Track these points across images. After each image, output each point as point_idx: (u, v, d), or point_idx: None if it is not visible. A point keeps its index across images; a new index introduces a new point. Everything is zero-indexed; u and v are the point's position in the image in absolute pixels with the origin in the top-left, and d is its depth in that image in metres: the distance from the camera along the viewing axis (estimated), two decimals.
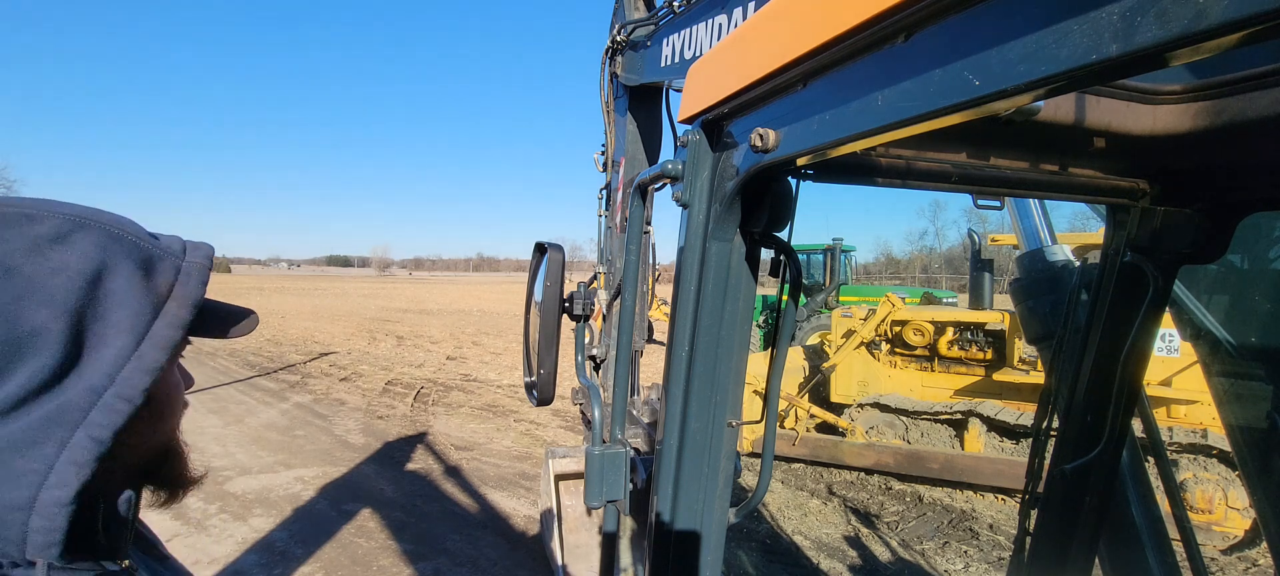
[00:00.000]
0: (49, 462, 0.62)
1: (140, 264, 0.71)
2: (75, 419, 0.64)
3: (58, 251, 0.66)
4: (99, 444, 0.64)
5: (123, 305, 0.68)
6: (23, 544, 0.62)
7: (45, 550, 0.62)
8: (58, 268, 0.65)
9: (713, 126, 1.00)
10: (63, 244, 0.66)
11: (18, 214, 0.65)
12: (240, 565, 4.68)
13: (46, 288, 0.64)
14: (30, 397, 0.62)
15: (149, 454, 0.78)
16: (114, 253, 0.69)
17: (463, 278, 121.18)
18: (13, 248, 0.63)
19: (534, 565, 4.73)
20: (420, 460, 7.10)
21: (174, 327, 0.71)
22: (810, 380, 7.85)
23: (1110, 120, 1.00)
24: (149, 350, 0.69)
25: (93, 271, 0.67)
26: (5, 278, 0.62)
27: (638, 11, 2.97)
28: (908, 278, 53.57)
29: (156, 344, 0.69)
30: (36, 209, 0.67)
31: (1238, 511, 5.16)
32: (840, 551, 5.19)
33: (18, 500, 0.61)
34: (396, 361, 14.07)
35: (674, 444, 1.08)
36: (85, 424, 0.64)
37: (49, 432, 0.62)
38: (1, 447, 0.61)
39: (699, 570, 1.11)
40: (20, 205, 0.67)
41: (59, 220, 0.67)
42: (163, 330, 0.70)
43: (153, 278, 0.72)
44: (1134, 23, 0.38)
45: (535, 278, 1.33)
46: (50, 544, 0.62)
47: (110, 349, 0.66)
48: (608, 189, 3.34)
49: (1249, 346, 1.46)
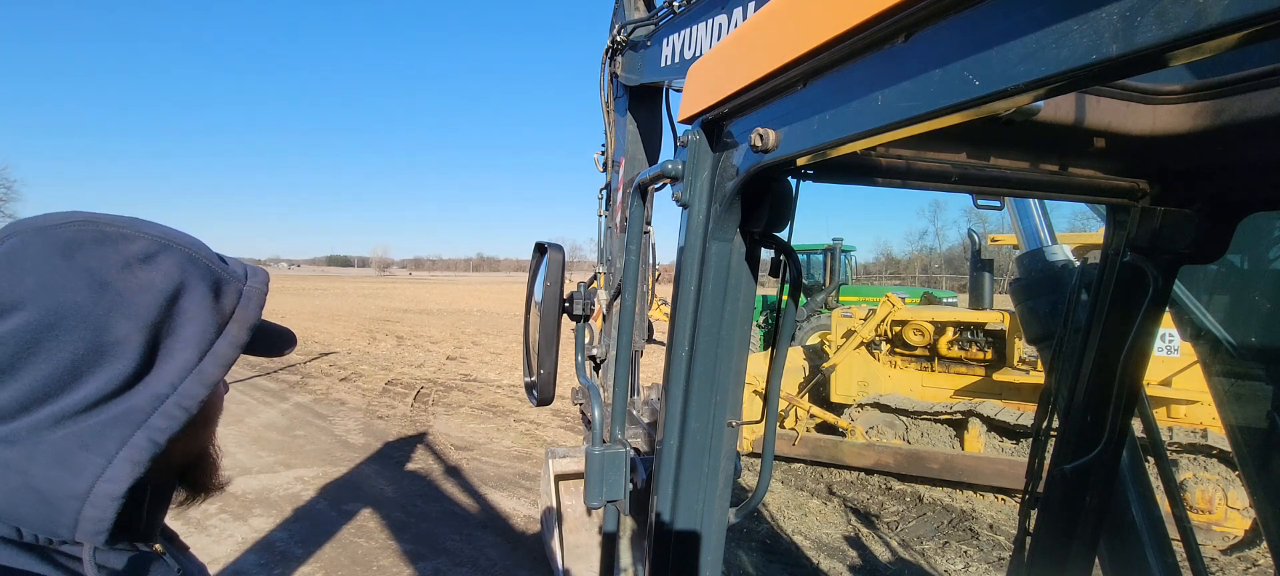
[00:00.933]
0: (109, 457, 0.68)
1: (212, 286, 0.78)
2: (138, 420, 0.70)
3: (145, 270, 0.73)
4: (155, 446, 0.70)
5: (192, 322, 0.75)
6: (74, 528, 0.68)
7: (94, 537, 0.68)
8: (145, 286, 0.72)
9: (713, 126, 1.00)
10: (150, 263, 0.74)
11: (117, 233, 0.73)
12: (240, 565, 4.68)
13: (134, 303, 0.71)
14: (105, 399, 0.68)
15: (188, 457, 0.85)
16: (191, 273, 0.76)
17: (463, 278, 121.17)
18: (109, 263, 0.71)
19: (534, 565, 4.73)
20: (420, 460, 7.10)
21: (233, 347, 0.78)
22: (810, 380, 7.85)
23: (1110, 120, 1.00)
24: (209, 365, 0.75)
25: (173, 290, 0.74)
26: (101, 291, 0.69)
27: (638, 11, 2.97)
28: (908, 278, 53.59)
29: (217, 360, 0.76)
30: (132, 228, 0.75)
31: (1238, 511, 5.16)
32: (840, 551, 5.19)
33: (77, 489, 0.67)
34: (396, 361, 14.07)
35: (674, 444, 1.08)
36: (145, 426, 0.70)
37: (114, 431, 0.69)
38: (71, 441, 0.67)
39: (699, 570, 1.11)
40: (118, 224, 0.75)
41: (148, 241, 0.75)
42: (223, 348, 0.77)
43: (220, 299, 0.79)
44: (1134, 23, 0.38)
45: (535, 278, 1.33)
46: (99, 532, 0.68)
47: (176, 361, 0.73)
48: (608, 189, 3.34)
49: (1249, 346, 1.46)
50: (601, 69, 3.21)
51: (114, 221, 0.75)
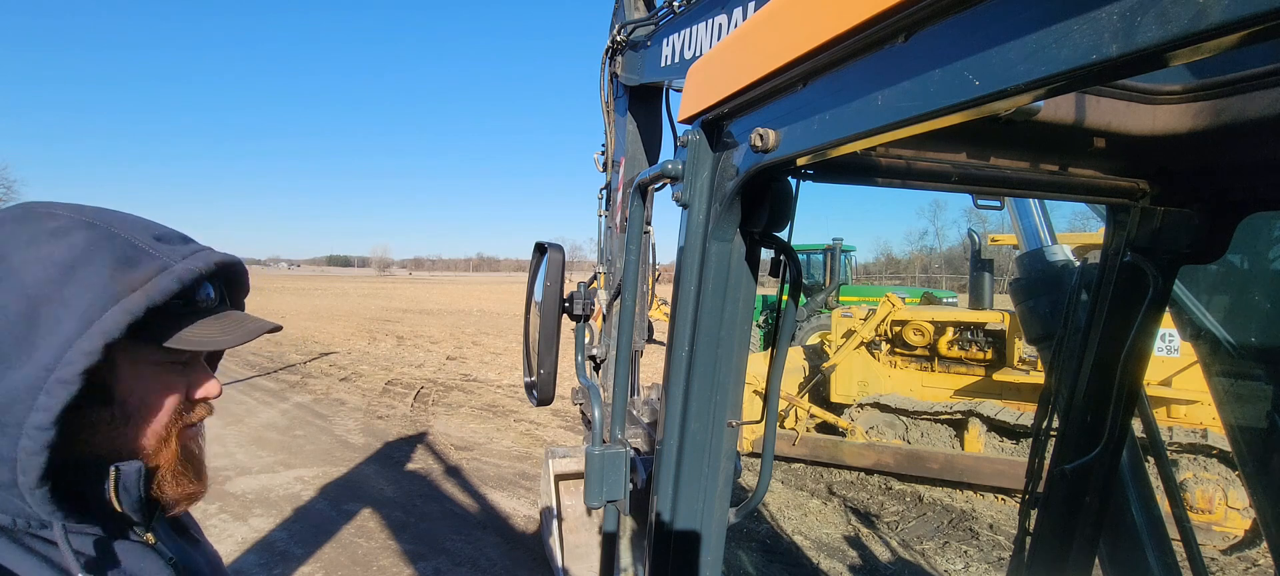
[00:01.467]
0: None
1: (121, 259, 0.72)
2: (21, 394, 0.66)
3: (49, 244, 0.70)
4: (42, 431, 0.66)
5: (85, 293, 0.69)
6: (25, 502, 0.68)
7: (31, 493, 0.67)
8: (41, 258, 0.69)
9: (713, 126, 1.00)
10: (57, 237, 0.70)
11: (44, 213, 0.72)
12: (240, 565, 4.68)
13: (21, 274, 0.68)
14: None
15: (118, 458, 0.76)
16: (99, 248, 0.71)
17: (463, 277, 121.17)
18: (17, 240, 0.70)
19: (534, 565, 4.73)
20: (420, 460, 7.10)
21: (125, 313, 0.69)
22: (810, 380, 7.85)
23: (1110, 120, 1.00)
24: (95, 335, 0.68)
25: (69, 261, 0.69)
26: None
27: (638, 11, 2.97)
28: (908, 278, 53.59)
29: (102, 329, 0.68)
30: (63, 210, 0.73)
31: (1238, 511, 5.16)
32: (840, 551, 5.19)
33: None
34: (396, 361, 14.07)
35: (674, 444, 1.08)
36: (36, 407, 0.66)
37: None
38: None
39: (699, 570, 1.11)
40: (52, 208, 0.73)
41: (66, 220, 0.72)
42: (113, 316, 0.69)
43: (129, 272, 0.72)
44: (1134, 23, 0.38)
45: (535, 278, 1.33)
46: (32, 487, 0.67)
47: (59, 333, 0.67)
48: (608, 189, 3.34)
49: (1249, 346, 1.46)
50: (601, 69, 3.21)
51: (51, 206, 0.73)
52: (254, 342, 14.23)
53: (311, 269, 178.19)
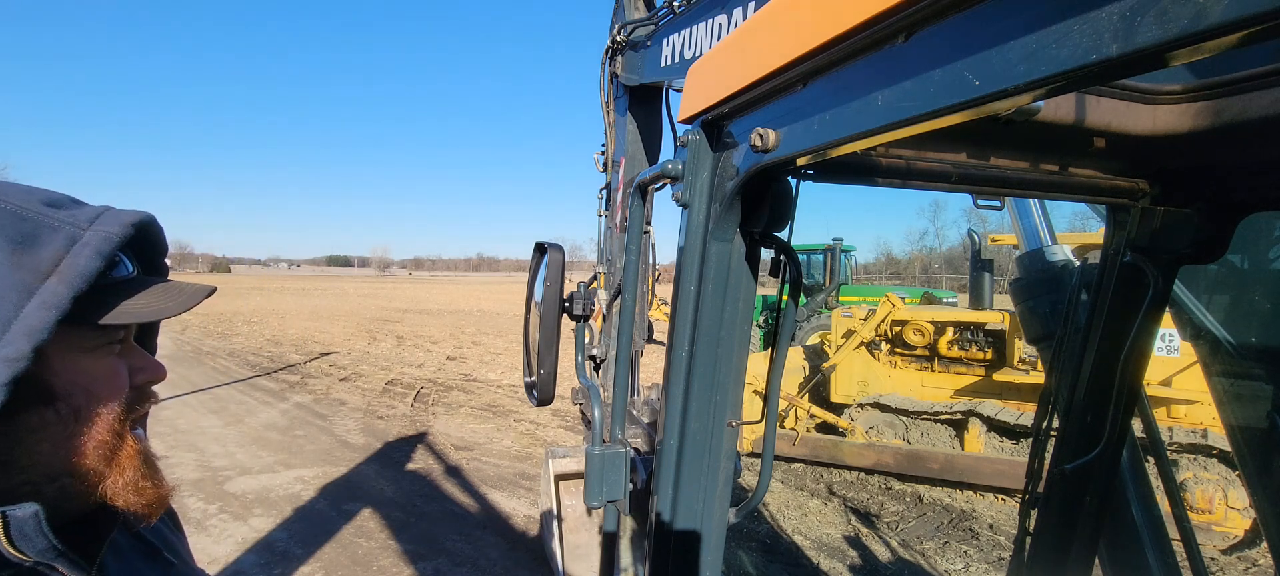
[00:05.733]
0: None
1: (15, 238, 0.60)
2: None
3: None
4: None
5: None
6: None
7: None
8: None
9: (713, 126, 1.00)
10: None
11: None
12: (240, 565, 4.68)
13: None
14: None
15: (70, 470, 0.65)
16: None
17: (463, 277, 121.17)
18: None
19: (534, 565, 4.73)
20: (420, 460, 7.10)
21: (49, 309, 0.58)
22: (810, 380, 7.85)
23: (1110, 120, 1.00)
24: (16, 338, 0.57)
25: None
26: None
27: (638, 11, 2.97)
28: (908, 278, 53.60)
29: (26, 330, 0.57)
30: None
31: (1238, 511, 5.16)
32: (840, 551, 5.19)
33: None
34: (396, 361, 14.07)
35: (674, 444, 1.08)
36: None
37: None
38: None
39: (699, 570, 1.11)
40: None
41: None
42: (36, 313, 0.58)
43: (32, 253, 0.60)
44: (1134, 23, 0.38)
45: (535, 278, 1.33)
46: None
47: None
48: (608, 189, 3.34)
49: (1249, 346, 1.46)
50: (601, 69, 3.21)
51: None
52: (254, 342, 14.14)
53: (311, 269, 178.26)
